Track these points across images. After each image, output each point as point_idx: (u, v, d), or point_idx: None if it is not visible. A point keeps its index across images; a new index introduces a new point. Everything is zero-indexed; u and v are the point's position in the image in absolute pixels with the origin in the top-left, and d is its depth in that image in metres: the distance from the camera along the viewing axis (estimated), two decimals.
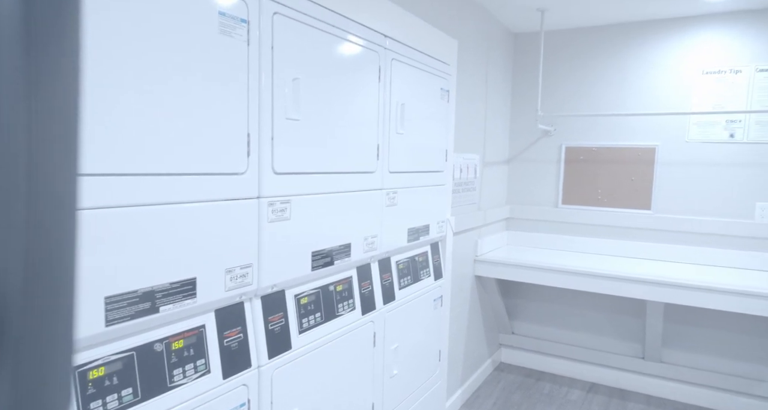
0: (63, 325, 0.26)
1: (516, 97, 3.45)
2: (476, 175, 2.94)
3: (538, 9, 2.84)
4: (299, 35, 1.39)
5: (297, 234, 1.44)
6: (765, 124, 2.77)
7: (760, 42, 2.76)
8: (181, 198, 1.08)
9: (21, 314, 0.24)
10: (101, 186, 0.93)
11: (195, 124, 1.10)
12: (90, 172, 0.92)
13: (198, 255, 1.14)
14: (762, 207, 2.81)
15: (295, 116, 1.38)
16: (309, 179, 1.47)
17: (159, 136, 1.03)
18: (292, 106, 1.37)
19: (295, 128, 1.39)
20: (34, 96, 0.25)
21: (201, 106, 1.11)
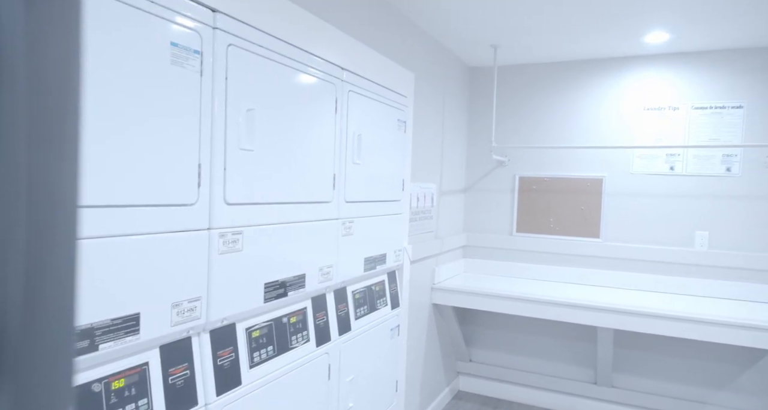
0: (64, 353, 0.26)
1: (472, 128, 3.56)
2: (433, 204, 2.98)
3: (491, 45, 2.97)
4: (255, 66, 1.39)
5: (249, 266, 1.42)
6: (701, 158, 2.96)
7: (695, 82, 2.96)
8: (126, 230, 1.05)
9: (21, 342, 0.24)
10: None
11: (142, 154, 1.08)
12: None
13: (143, 290, 1.10)
14: (701, 236, 2.96)
15: (248, 146, 1.38)
16: (263, 209, 1.46)
17: (103, 165, 1.00)
18: (245, 137, 1.36)
19: (249, 158, 1.38)
20: (35, 130, 0.25)
21: (149, 136, 1.09)
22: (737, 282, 2.88)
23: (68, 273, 0.27)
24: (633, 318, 2.57)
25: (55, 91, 0.27)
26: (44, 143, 0.26)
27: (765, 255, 2.82)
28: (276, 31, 1.48)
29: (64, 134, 0.27)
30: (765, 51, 2.82)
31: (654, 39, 2.74)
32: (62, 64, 0.27)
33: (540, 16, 2.44)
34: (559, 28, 2.61)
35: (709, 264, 2.94)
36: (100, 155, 0.99)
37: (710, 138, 2.94)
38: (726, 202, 2.91)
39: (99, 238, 1.00)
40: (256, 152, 1.41)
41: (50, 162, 0.26)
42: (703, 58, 2.94)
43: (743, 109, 2.87)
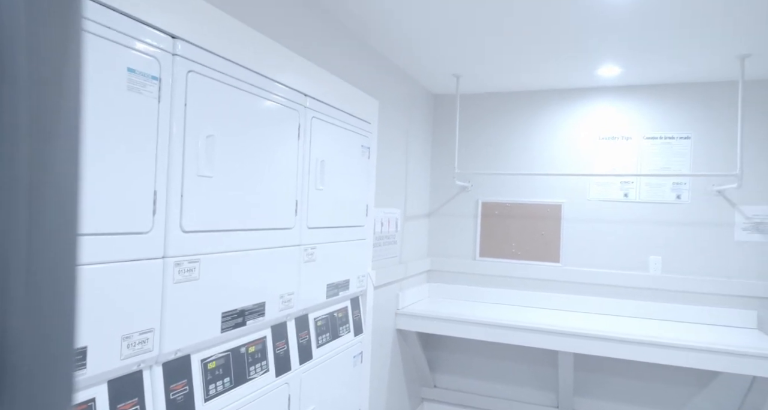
0: (64, 362, 0.26)
1: (436, 153, 3.62)
2: (398, 229, 3.00)
3: (453, 75, 3.05)
4: (216, 92, 1.39)
5: (206, 295, 1.38)
6: (653, 186, 3.09)
7: (646, 113, 3.12)
8: None
9: (22, 373, 0.24)
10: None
11: (94, 181, 1.05)
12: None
13: (91, 322, 1.05)
14: (654, 261, 3.07)
15: (207, 173, 1.36)
16: (222, 236, 1.43)
17: None
18: (205, 163, 1.35)
19: (208, 185, 1.36)
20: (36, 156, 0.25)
21: (102, 162, 1.06)
22: (690, 305, 2.99)
23: (69, 282, 0.27)
24: (592, 341, 2.62)
25: (55, 111, 0.27)
26: (44, 204, 0.26)
27: (714, 279, 2.94)
28: (239, 57, 1.49)
29: (63, 190, 0.27)
30: (708, 86, 2.99)
31: (606, 72, 2.88)
32: (61, 91, 0.27)
33: (499, 49, 2.54)
34: (518, 61, 2.71)
35: (663, 288, 3.04)
36: None
37: (661, 167, 3.07)
38: (677, 228, 3.04)
39: None
40: (215, 178, 1.39)
41: (51, 182, 0.26)
42: (653, 91, 3.10)
43: (691, 140, 3.02)
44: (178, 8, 1.25)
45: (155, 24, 1.18)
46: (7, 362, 0.24)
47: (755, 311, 2.86)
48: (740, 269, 2.91)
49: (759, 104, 2.90)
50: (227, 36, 1.44)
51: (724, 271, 2.94)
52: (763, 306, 2.86)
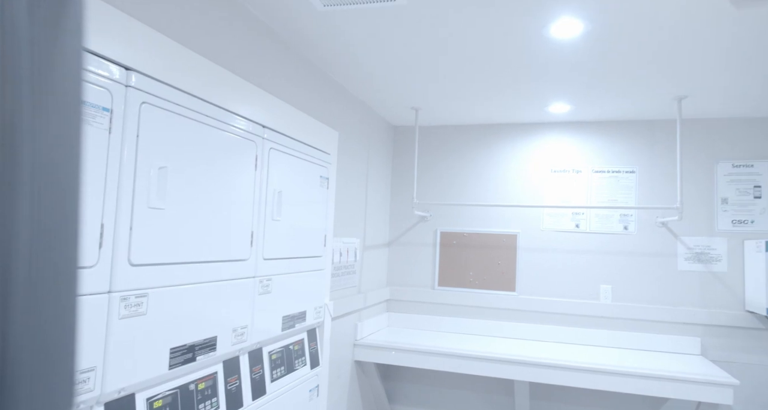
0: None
1: (395, 183, 3.66)
2: (356, 259, 2.99)
3: (412, 108, 3.13)
4: (170, 124, 1.38)
5: (154, 330, 1.34)
6: (602, 217, 3.22)
7: (594, 148, 3.27)
8: None
9: (23, 376, 0.24)
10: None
11: None
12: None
13: None
14: (605, 290, 3.17)
15: (159, 205, 1.33)
16: (172, 270, 1.40)
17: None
18: (156, 195, 1.32)
19: (159, 217, 1.34)
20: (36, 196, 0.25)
21: None
22: (638, 332, 3.09)
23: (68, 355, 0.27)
24: (546, 370, 2.67)
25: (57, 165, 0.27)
26: (44, 234, 0.26)
27: (660, 307, 3.06)
28: (194, 89, 1.49)
29: (61, 218, 0.27)
30: (650, 123, 3.18)
31: (557, 109, 3.02)
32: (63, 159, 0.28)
33: (456, 85, 2.63)
34: (474, 96, 2.82)
35: (613, 316, 3.14)
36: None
37: (609, 199, 3.22)
38: (625, 257, 3.16)
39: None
40: (167, 210, 1.37)
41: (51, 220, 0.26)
42: (601, 127, 3.27)
43: (636, 174, 3.19)
44: (134, 40, 1.25)
45: (108, 56, 1.17)
46: (7, 363, 0.23)
47: (699, 338, 2.98)
48: (684, 297, 3.05)
49: (696, 141, 3.10)
50: (183, 67, 1.44)
51: (669, 299, 3.07)
52: (706, 332, 2.99)
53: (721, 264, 3.00)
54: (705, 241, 3.03)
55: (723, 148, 3.06)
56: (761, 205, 2.97)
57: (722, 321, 2.96)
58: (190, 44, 1.51)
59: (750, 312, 2.92)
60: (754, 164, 2.99)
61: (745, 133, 3.03)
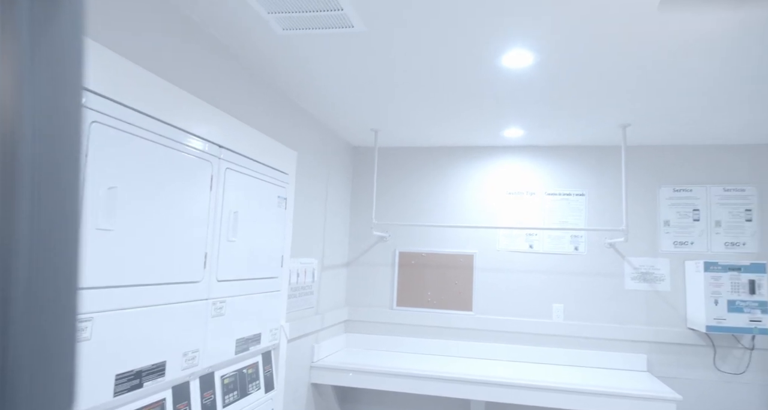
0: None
1: (355, 204, 3.68)
2: (314, 279, 2.97)
3: (372, 129, 3.18)
4: (122, 144, 1.35)
5: (98, 356, 1.29)
6: (554, 238, 3.33)
7: (547, 171, 3.40)
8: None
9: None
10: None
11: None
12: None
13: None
14: (557, 308, 3.27)
15: (107, 226, 1.30)
16: (120, 293, 1.36)
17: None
18: (104, 216, 1.29)
19: (107, 238, 1.30)
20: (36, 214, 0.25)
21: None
22: (589, 350, 3.18)
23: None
24: (501, 389, 2.70)
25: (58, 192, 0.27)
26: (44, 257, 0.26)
27: (609, 326, 3.17)
28: (148, 108, 1.47)
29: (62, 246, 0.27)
30: (598, 149, 3.34)
31: (511, 134, 3.13)
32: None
33: (415, 109, 2.69)
34: (432, 120, 2.89)
35: (565, 335, 3.23)
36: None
37: (560, 220, 3.34)
38: (576, 277, 3.27)
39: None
40: (116, 232, 1.33)
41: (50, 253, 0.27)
42: (552, 152, 3.41)
43: (585, 197, 3.33)
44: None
45: None
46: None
47: (645, 354, 3.10)
48: (631, 315, 3.17)
49: (640, 167, 3.27)
50: (137, 86, 1.42)
51: (617, 317, 3.19)
52: (652, 349, 3.12)
53: (665, 283, 3.15)
54: (649, 261, 3.18)
55: (664, 174, 3.24)
56: (699, 227, 3.15)
57: (666, 338, 3.09)
58: (144, 63, 1.50)
59: (691, 329, 3.06)
60: (693, 189, 3.18)
61: (684, 160, 3.22)
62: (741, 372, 3.00)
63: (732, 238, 3.10)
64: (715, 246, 3.11)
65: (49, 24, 0.27)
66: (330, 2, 1.57)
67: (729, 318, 2.80)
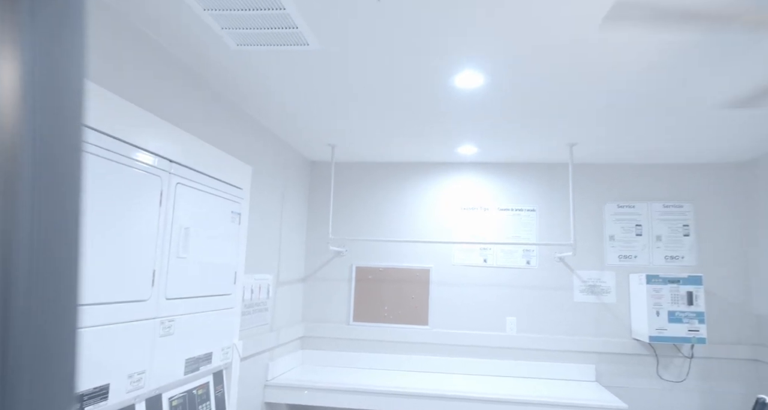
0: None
1: (312, 218, 3.66)
2: (269, 295, 2.93)
3: (328, 144, 3.19)
4: None
5: None
6: (507, 252, 3.42)
7: (500, 187, 3.50)
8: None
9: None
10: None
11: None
12: None
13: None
14: (510, 321, 3.34)
15: None
16: None
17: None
18: None
19: None
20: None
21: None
22: (541, 362, 3.26)
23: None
24: (456, 403, 2.73)
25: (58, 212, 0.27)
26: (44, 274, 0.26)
27: (561, 338, 3.26)
28: (91, 121, 1.43)
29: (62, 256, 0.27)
30: (547, 166, 3.47)
31: (466, 150, 3.21)
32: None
33: (371, 125, 2.73)
34: (388, 136, 2.93)
35: (518, 347, 3.30)
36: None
37: (513, 235, 3.43)
38: (528, 290, 3.36)
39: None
40: None
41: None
42: (505, 168, 3.51)
43: (536, 212, 3.44)
44: None
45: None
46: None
47: (593, 365, 3.21)
48: (580, 327, 3.28)
49: (586, 184, 3.42)
50: None
51: (567, 329, 3.29)
52: (600, 360, 3.23)
53: (611, 295, 3.28)
54: (596, 275, 3.31)
55: (609, 190, 3.39)
56: (642, 241, 3.30)
57: (613, 348, 3.21)
58: (90, 73, 1.46)
59: (636, 339, 3.19)
60: (635, 205, 3.34)
61: (627, 178, 3.39)
62: (682, 379, 3.14)
63: (671, 252, 3.27)
64: (656, 260, 3.28)
65: (52, 25, 0.28)
66: (285, 20, 1.59)
67: (669, 328, 2.94)
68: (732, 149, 2.97)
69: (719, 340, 3.15)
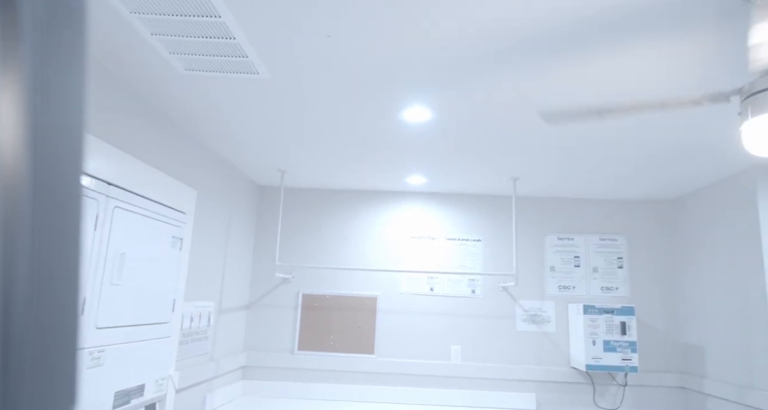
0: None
1: (259, 244, 3.60)
2: (210, 323, 2.83)
3: (278, 170, 3.17)
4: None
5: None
6: (453, 281, 3.48)
7: (448, 217, 3.58)
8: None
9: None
10: None
11: None
12: None
13: None
14: (455, 350, 3.37)
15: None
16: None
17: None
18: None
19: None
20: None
21: None
22: (484, 390, 3.30)
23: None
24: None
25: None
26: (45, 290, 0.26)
27: (504, 366, 3.32)
28: None
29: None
30: (493, 198, 3.59)
31: (414, 181, 3.28)
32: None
33: (320, 152, 2.75)
34: (337, 163, 2.96)
35: (463, 376, 3.32)
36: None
37: (459, 264, 3.50)
38: (473, 319, 3.42)
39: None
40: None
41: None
42: (452, 199, 3.60)
43: (482, 242, 3.53)
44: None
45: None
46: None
47: (534, 393, 3.27)
48: (521, 356, 3.35)
49: (529, 216, 3.55)
50: None
51: (510, 358, 3.35)
52: (540, 388, 3.30)
53: (551, 324, 3.38)
54: (537, 304, 3.41)
55: (550, 223, 3.54)
56: (580, 272, 3.45)
57: (553, 377, 3.29)
58: None
59: (574, 368, 3.29)
60: (574, 237, 3.50)
61: (567, 211, 3.55)
62: (616, 407, 3.25)
63: (607, 283, 3.42)
64: (593, 290, 3.42)
65: (55, 70, 0.28)
66: (235, 49, 1.60)
67: (605, 357, 3.06)
68: (661, 188, 3.19)
69: (650, 368, 3.30)
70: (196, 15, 1.41)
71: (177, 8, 1.38)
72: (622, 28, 1.41)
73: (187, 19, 1.43)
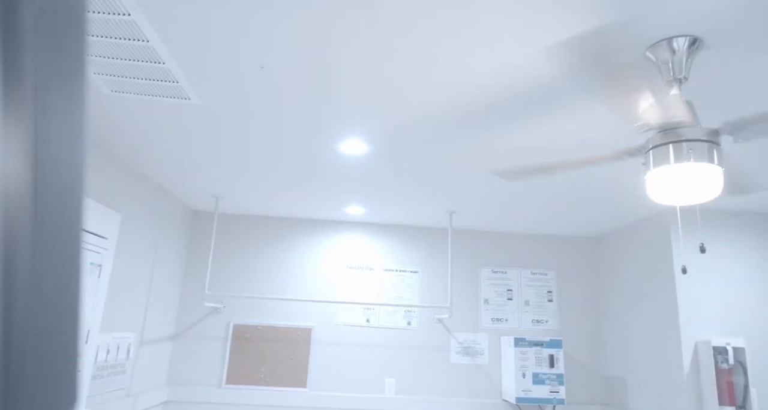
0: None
1: (189, 272, 3.45)
2: (129, 356, 2.66)
3: (212, 195, 3.09)
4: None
5: None
6: (390, 313, 3.46)
7: (385, 248, 3.58)
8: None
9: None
10: None
11: None
12: None
13: None
14: (389, 383, 3.33)
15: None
16: None
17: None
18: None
19: None
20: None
21: None
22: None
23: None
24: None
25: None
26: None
27: (437, 399, 3.30)
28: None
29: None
30: (430, 230, 3.64)
31: (353, 211, 3.28)
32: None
33: (257, 180, 2.70)
34: (274, 191, 2.91)
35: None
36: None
37: (396, 296, 3.49)
38: (408, 351, 3.40)
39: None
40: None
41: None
42: (391, 230, 3.62)
43: (419, 274, 3.55)
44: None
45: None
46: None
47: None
48: (455, 388, 3.35)
49: (464, 249, 3.62)
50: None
51: (443, 391, 3.34)
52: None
53: (484, 357, 3.42)
54: (471, 336, 3.45)
55: (485, 256, 3.62)
56: (513, 305, 3.53)
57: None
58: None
59: (505, 400, 3.33)
60: (507, 271, 3.59)
61: (500, 245, 3.65)
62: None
63: (538, 316, 3.52)
64: (524, 323, 3.50)
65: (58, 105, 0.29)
66: (164, 74, 1.56)
67: (534, 389, 3.11)
68: (586, 226, 3.35)
69: (576, 401, 3.39)
70: (123, 38, 1.37)
71: (102, 30, 1.33)
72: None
73: (113, 41, 1.38)
